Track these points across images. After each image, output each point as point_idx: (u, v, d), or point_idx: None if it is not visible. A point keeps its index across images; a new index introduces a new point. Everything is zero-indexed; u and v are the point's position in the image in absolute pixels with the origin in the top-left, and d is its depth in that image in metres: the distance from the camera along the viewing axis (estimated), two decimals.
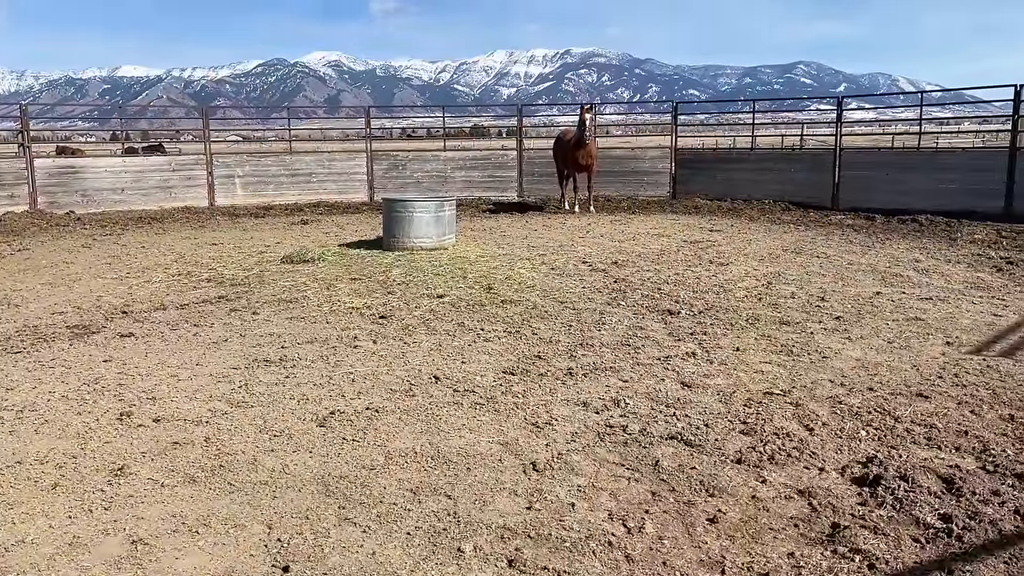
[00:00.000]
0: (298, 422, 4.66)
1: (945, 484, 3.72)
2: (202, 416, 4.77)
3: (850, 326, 6.77)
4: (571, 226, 14.45)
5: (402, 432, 4.49)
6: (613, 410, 4.80)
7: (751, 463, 4.01)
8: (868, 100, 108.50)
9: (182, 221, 16.18)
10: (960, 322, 6.85)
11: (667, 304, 7.65)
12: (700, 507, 3.57)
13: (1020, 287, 8.35)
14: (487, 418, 4.70)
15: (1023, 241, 11.40)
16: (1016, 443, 4.20)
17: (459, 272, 9.54)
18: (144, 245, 12.60)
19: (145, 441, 4.39)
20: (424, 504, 3.62)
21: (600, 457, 4.13)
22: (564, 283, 8.83)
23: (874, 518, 3.42)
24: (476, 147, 25.94)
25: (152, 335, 6.79)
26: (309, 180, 19.64)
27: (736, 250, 11.15)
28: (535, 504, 3.60)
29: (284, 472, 3.97)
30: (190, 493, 3.76)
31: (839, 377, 5.39)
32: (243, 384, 5.38)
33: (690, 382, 5.31)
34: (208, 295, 8.44)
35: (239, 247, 12.14)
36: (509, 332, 6.70)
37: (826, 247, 11.38)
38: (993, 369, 5.49)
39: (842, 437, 4.34)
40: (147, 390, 5.28)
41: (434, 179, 19.99)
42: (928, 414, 4.65)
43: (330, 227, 14.82)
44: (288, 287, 8.77)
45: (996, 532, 3.27)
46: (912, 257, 10.38)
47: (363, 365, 5.80)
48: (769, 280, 8.84)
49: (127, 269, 10.25)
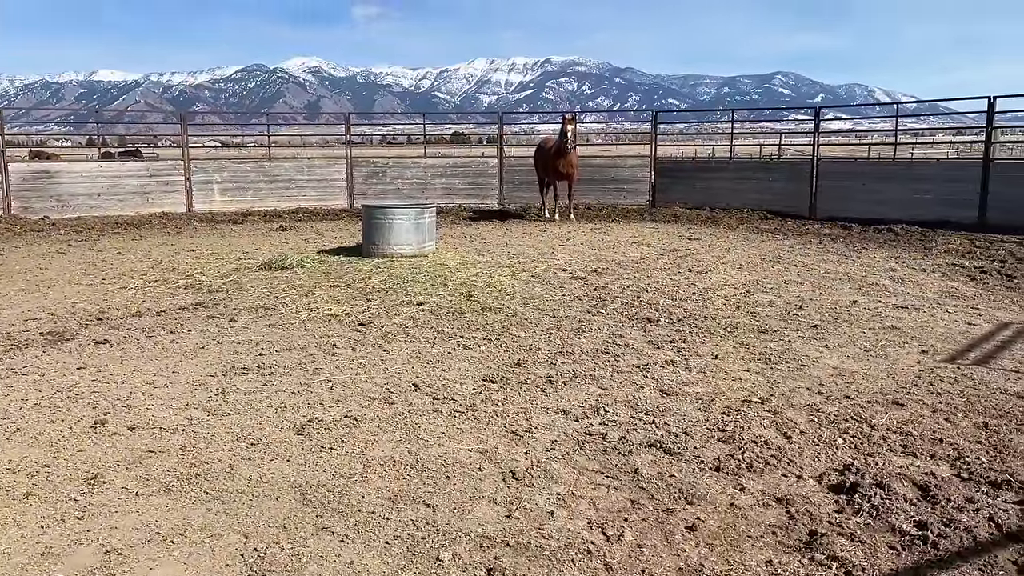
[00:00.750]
0: (276, 430, 4.63)
1: (921, 491, 3.75)
2: (178, 424, 4.72)
3: (827, 334, 6.83)
4: (551, 234, 14.48)
5: (381, 440, 4.47)
6: (593, 418, 4.81)
7: (730, 471, 4.02)
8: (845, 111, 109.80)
9: (159, 227, 16.03)
10: (935, 331, 6.93)
11: (646, 312, 7.67)
12: (679, 515, 3.58)
13: (993, 296, 8.47)
14: (466, 426, 4.69)
15: (996, 251, 11.56)
16: (990, 451, 4.25)
17: (439, 279, 9.52)
18: (120, 251, 12.47)
19: (120, 449, 4.34)
20: (402, 513, 3.60)
21: (579, 465, 4.12)
22: (544, 291, 8.84)
23: (851, 525, 3.44)
24: (457, 154, 25.95)
25: (128, 342, 6.71)
26: (288, 186, 19.53)
27: (715, 258, 11.21)
28: (514, 512, 3.59)
29: (261, 481, 3.94)
30: (165, 502, 3.71)
31: (816, 385, 5.43)
32: (220, 392, 5.33)
33: (669, 390, 5.33)
34: (185, 302, 8.37)
35: (217, 253, 12.04)
36: (489, 340, 6.70)
37: (804, 256, 11.48)
38: (967, 377, 5.56)
39: (819, 445, 4.37)
40: (122, 398, 5.21)
41: (414, 186, 19.95)
42: (904, 422, 4.69)
43: (309, 234, 14.75)
44: (266, 294, 8.71)
45: (971, 539, 3.31)
46: (888, 266, 10.49)
47: (342, 373, 5.77)
48: (747, 288, 8.90)
49: (103, 275, 10.14)
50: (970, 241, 12.56)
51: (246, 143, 42.03)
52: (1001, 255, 11.19)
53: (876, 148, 24.56)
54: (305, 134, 29.00)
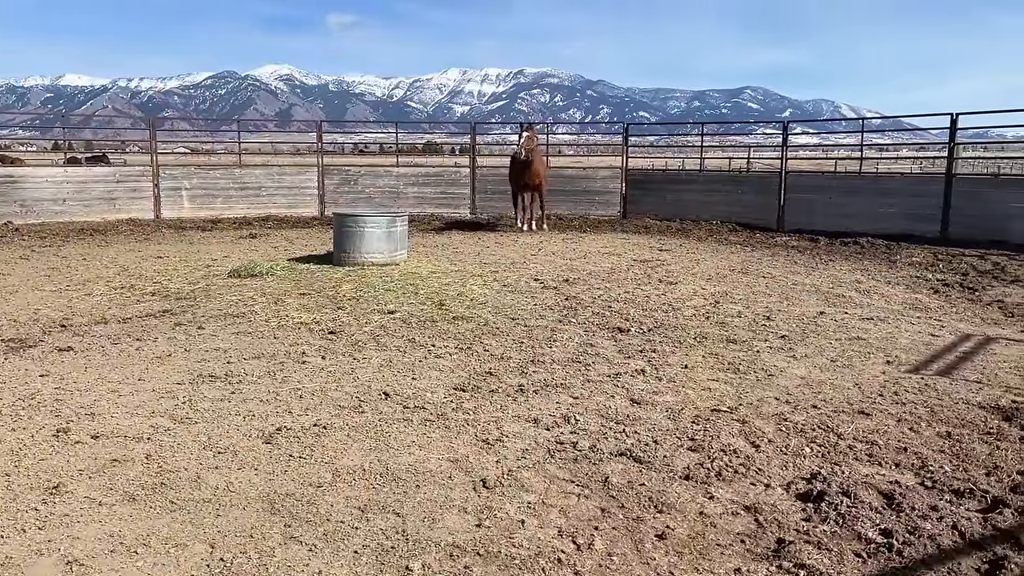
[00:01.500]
0: (243, 439, 4.57)
1: (886, 500, 3.80)
2: (143, 432, 4.65)
3: (795, 345, 6.91)
4: (523, 244, 14.50)
5: (350, 449, 4.43)
6: (563, 427, 4.81)
7: (699, 479, 4.05)
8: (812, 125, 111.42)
9: (126, 233, 15.81)
10: (899, 342, 7.04)
11: (617, 322, 7.71)
12: (649, 523, 3.59)
13: (955, 309, 8.63)
14: (437, 435, 4.67)
15: (958, 264, 11.79)
16: (953, 459, 4.32)
17: (410, 288, 9.49)
18: (85, 257, 12.27)
19: (83, 458, 4.26)
20: (372, 522, 3.57)
21: (550, 474, 4.13)
22: (516, 300, 8.85)
23: (818, 533, 3.48)
24: (429, 164, 25.92)
25: (92, 349, 6.60)
26: (259, 194, 19.38)
27: (685, 269, 11.31)
28: (485, 521, 3.58)
29: (228, 490, 3.89)
30: (129, 512, 3.65)
31: (784, 395, 5.49)
32: (187, 400, 5.26)
33: (639, 399, 5.35)
34: (152, 309, 8.25)
35: (185, 260, 11.90)
36: (460, 348, 6.68)
37: (772, 267, 11.62)
38: (931, 388, 5.65)
39: (787, 454, 4.41)
40: (86, 406, 5.12)
41: (386, 195, 19.90)
42: (869, 431, 4.75)
43: (279, 241, 14.63)
44: (235, 301, 8.62)
45: (935, 547, 3.36)
46: (854, 278, 10.65)
47: (311, 381, 5.72)
48: (717, 299, 8.98)
49: (67, 281, 9.97)
50: (933, 254, 12.80)
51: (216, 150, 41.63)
52: (963, 268, 11.42)
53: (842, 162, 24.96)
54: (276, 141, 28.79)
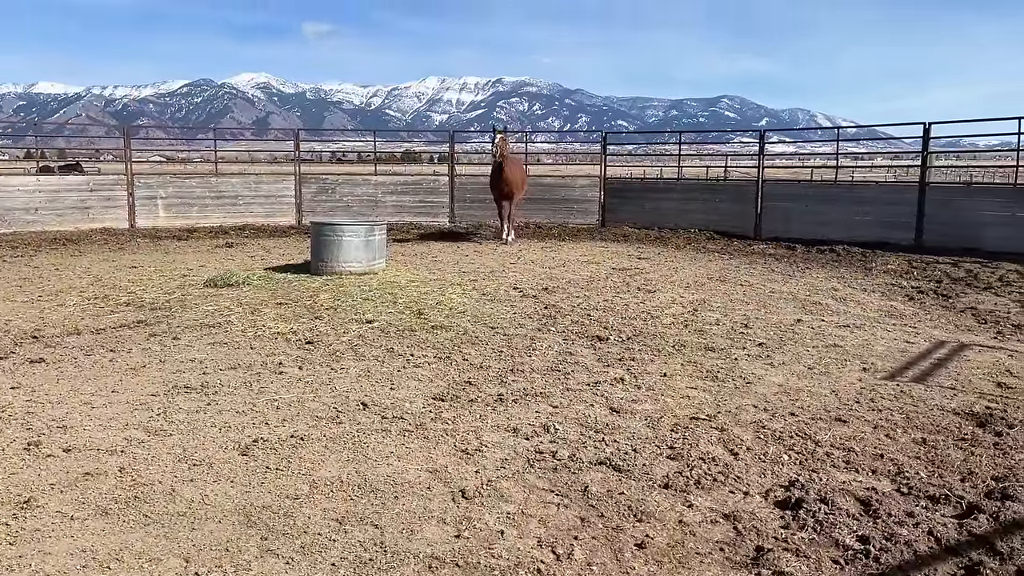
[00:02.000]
0: (219, 450, 4.52)
1: (863, 506, 3.82)
2: (116, 445, 4.58)
3: (772, 352, 6.95)
4: (502, 252, 14.51)
5: (328, 460, 4.39)
6: (543, 436, 4.80)
7: (678, 488, 4.05)
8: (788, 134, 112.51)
9: (100, 243, 15.63)
10: (875, 349, 7.10)
11: (596, 330, 7.72)
12: (628, 532, 3.59)
13: (930, 316, 8.73)
14: (416, 445, 4.64)
15: (932, 272, 11.94)
16: (928, 465, 4.36)
17: (389, 297, 9.45)
18: (58, 267, 12.11)
19: (54, 472, 4.19)
20: (350, 534, 3.54)
21: (530, 483, 4.11)
22: (495, 309, 8.83)
23: (796, 541, 3.49)
24: (407, 172, 25.88)
25: (64, 361, 6.50)
26: (235, 202, 19.25)
27: (663, 278, 11.35)
28: (464, 532, 3.56)
29: (203, 503, 3.83)
30: (102, 526, 3.59)
31: (762, 402, 5.52)
32: (162, 411, 5.19)
33: (619, 407, 5.36)
34: (126, 319, 8.15)
35: (160, 270, 11.77)
36: (439, 358, 6.66)
37: (749, 275, 11.69)
38: (906, 394, 5.71)
39: (765, 461, 4.43)
40: (58, 418, 5.04)
41: (364, 203, 19.83)
42: (846, 438, 4.79)
43: (256, 250, 14.52)
44: (211, 311, 8.54)
45: (911, 553, 3.38)
46: (830, 286, 10.75)
47: (288, 392, 5.67)
48: (695, 307, 9.02)
49: (39, 292, 9.82)
50: (908, 262, 12.96)
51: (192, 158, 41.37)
52: (937, 275, 11.57)
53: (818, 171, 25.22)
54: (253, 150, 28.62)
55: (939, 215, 14.78)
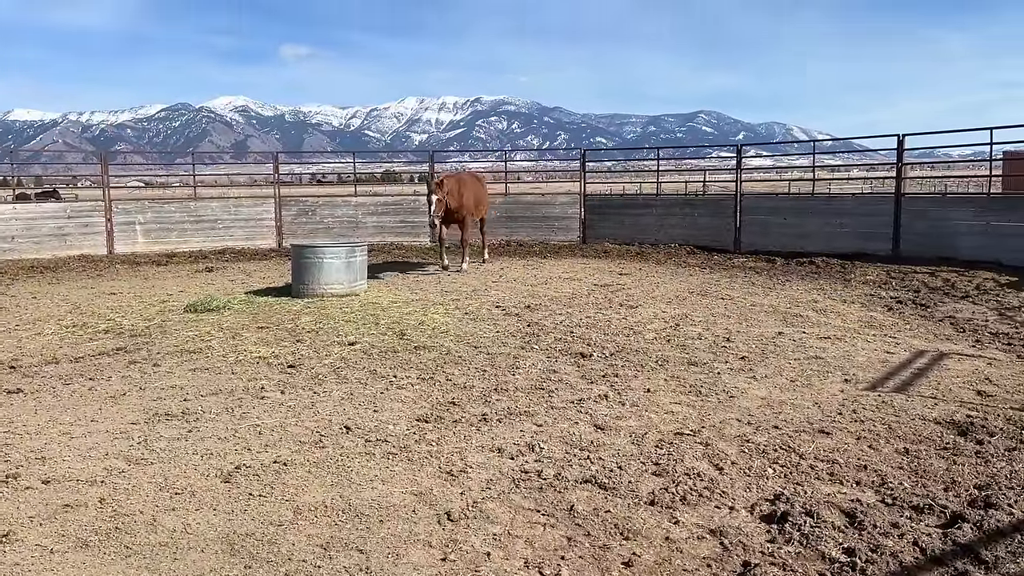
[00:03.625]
0: (201, 478, 4.47)
1: (848, 518, 3.84)
2: (96, 475, 4.52)
3: (755, 366, 6.98)
4: (484, 271, 14.50)
5: (311, 485, 4.35)
6: (528, 455, 4.79)
7: (664, 504, 4.05)
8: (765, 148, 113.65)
9: (78, 270, 15.47)
10: (856, 360, 7.15)
11: (579, 347, 7.72)
12: (615, 551, 3.57)
13: (909, 325, 8.81)
14: (400, 468, 4.61)
15: (910, 282, 12.06)
16: (912, 476, 4.39)
17: (371, 319, 9.41)
18: (35, 295, 11.97)
19: (33, 504, 4.12)
20: (335, 560, 3.50)
21: (515, 504, 4.09)
22: (478, 328, 8.82)
23: (782, 555, 3.49)
24: (388, 192, 25.87)
25: (43, 390, 6.41)
26: (215, 226, 19.14)
27: (645, 293, 11.39)
28: (450, 555, 3.53)
29: (185, 532, 3.78)
30: (82, 559, 3.53)
31: (746, 416, 5.53)
32: (142, 440, 5.13)
33: (603, 424, 5.35)
34: (105, 347, 8.06)
35: (140, 296, 11.67)
36: (423, 379, 6.63)
37: (730, 289, 11.76)
38: (888, 405, 5.74)
39: (750, 475, 4.44)
40: (36, 449, 4.96)
41: (345, 225, 19.79)
42: (830, 450, 4.81)
43: (237, 274, 14.44)
44: (192, 337, 8.46)
45: (897, 564, 3.39)
46: (810, 298, 10.83)
47: (270, 417, 5.62)
48: (677, 322, 9.05)
49: (16, 321, 9.71)
50: (886, 272, 13.09)
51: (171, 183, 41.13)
52: (915, 285, 11.69)
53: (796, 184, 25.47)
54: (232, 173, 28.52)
55: (915, 225, 14.97)
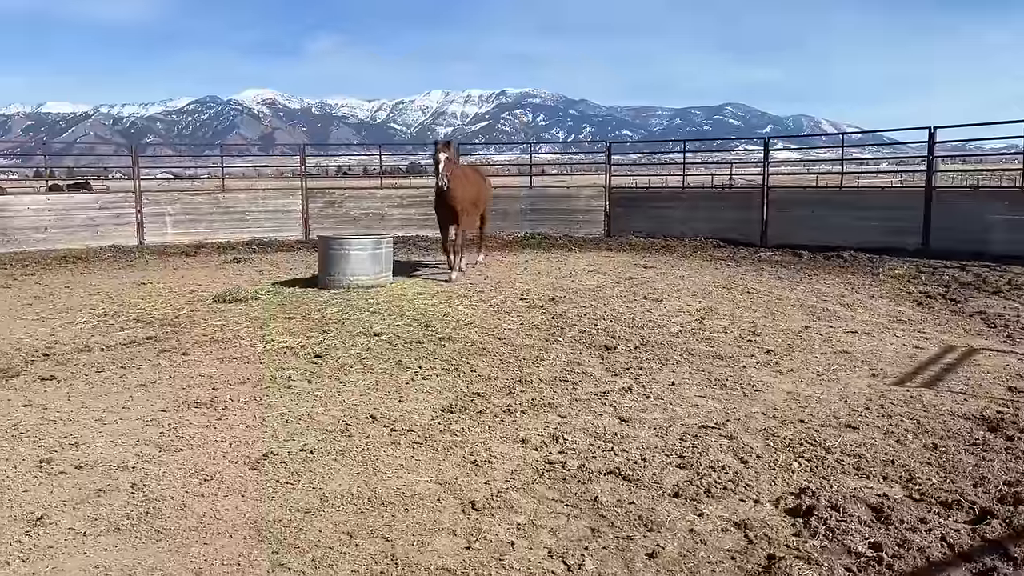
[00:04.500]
0: (230, 465, 4.53)
1: (874, 513, 3.81)
2: (128, 461, 4.60)
3: (781, 359, 6.93)
4: (508, 263, 14.52)
5: (338, 473, 4.40)
6: (552, 446, 4.80)
7: (688, 497, 4.04)
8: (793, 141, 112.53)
9: (109, 260, 15.71)
10: (884, 354, 7.08)
11: (604, 340, 7.72)
12: (639, 542, 3.58)
13: (939, 320, 8.70)
14: (425, 457, 4.65)
15: (940, 276, 11.90)
16: (940, 471, 4.34)
17: (396, 310, 9.47)
18: (68, 285, 12.18)
19: (67, 489, 4.21)
20: (361, 547, 3.54)
21: (539, 494, 4.11)
22: (502, 320, 8.84)
23: (807, 548, 3.48)
24: (413, 185, 25.95)
25: (75, 378, 6.53)
26: (243, 218, 19.34)
27: (670, 286, 11.35)
28: (474, 544, 3.56)
29: (215, 517, 3.85)
30: (114, 542, 3.60)
31: (771, 410, 5.50)
32: (172, 427, 5.21)
33: (627, 417, 5.35)
34: (136, 336, 8.19)
35: (169, 286, 11.83)
36: (447, 370, 6.67)
37: (756, 283, 11.68)
38: (916, 400, 5.69)
39: (776, 469, 4.42)
40: (69, 435, 5.06)
41: (371, 217, 19.90)
42: (857, 444, 4.77)
43: (264, 265, 14.58)
44: (220, 327, 8.57)
45: (924, 560, 3.36)
46: (838, 292, 10.72)
47: (297, 405, 5.68)
48: (702, 315, 9.01)
49: (49, 310, 9.88)
50: (915, 267, 12.92)
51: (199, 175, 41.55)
52: (945, 280, 11.54)
53: (823, 177, 25.20)
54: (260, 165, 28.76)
55: (946, 219, 14.74)
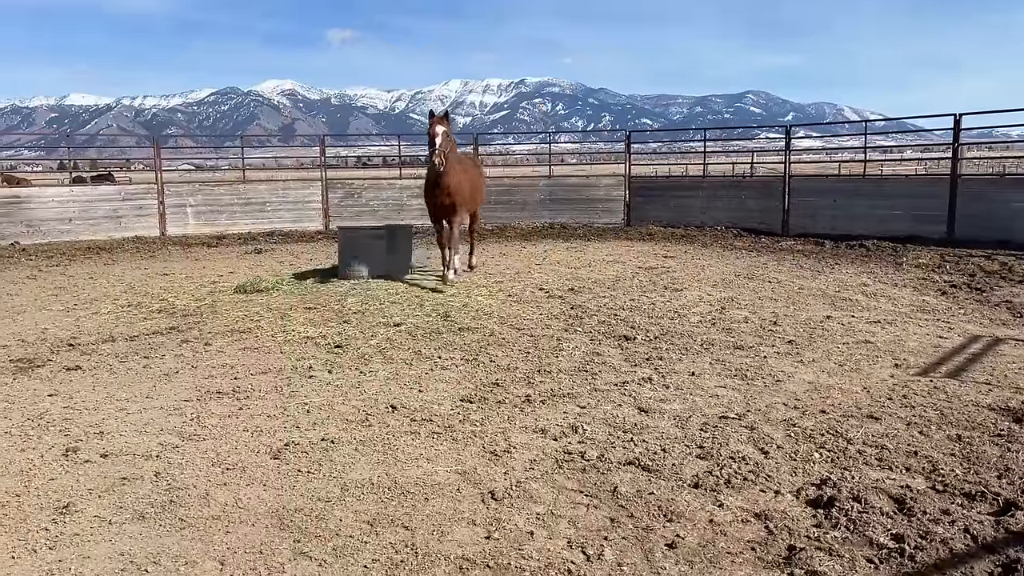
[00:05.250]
0: (252, 454, 4.57)
1: (897, 504, 3.78)
2: (152, 450, 4.66)
3: (802, 350, 6.88)
4: (527, 253, 14.52)
5: (358, 463, 4.43)
6: (571, 436, 4.80)
7: (708, 487, 4.03)
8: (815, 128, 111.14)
9: (132, 251, 15.87)
10: (908, 344, 7.01)
11: (623, 330, 7.70)
12: (659, 532, 3.58)
13: (963, 310, 8.59)
14: (445, 447, 4.67)
15: (965, 265, 11.75)
16: (963, 462, 4.30)
17: (416, 300, 9.50)
18: (92, 276, 12.32)
19: (92, 477, 4.26)
20: (381, 536, 3.57)
21: (559, 484, 4.11)
22: (521, 310, 8.84)
23: (829, 540, 3.46)
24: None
25: (100, 368, 6.61)
26: (263, 209, 19.44)
27: (690, 276, 11.29)
28: (494, 533, 3.57)
29: (237, 506, 3.89)
30: (139, 530, 3.65)
31: (792, 400, 5.47)
32: (195, 416, 5.27)
33: (647, 407, 5.34)
34: (159, 326, 8.27)
35: (191, 277, 11.94)
36: (467, 360, 6.68)
37: (777, 272, 11.59)
38: (940, 390, 5.63)
39: (796, 460, 4.39)
40: (94, 424, 5.13)
41: (390, 207, 19.93)
42: (879, 435, 4.73)
43: (284, 256, 14.67)
44: (241, 317, 8.64)
45: (947, 551, 3.33)
46: (860, 281, 10.62)
47: (318, 395, 5.72)
48: (723, 305, 8.96)
49: (74, 300, 10.01)
50: (940, 256, 12.76)
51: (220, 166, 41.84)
52: (970, 269, 11.39)
53: (846, 165, 24.95)
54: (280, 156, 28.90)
55: (971, 207, 14.54)
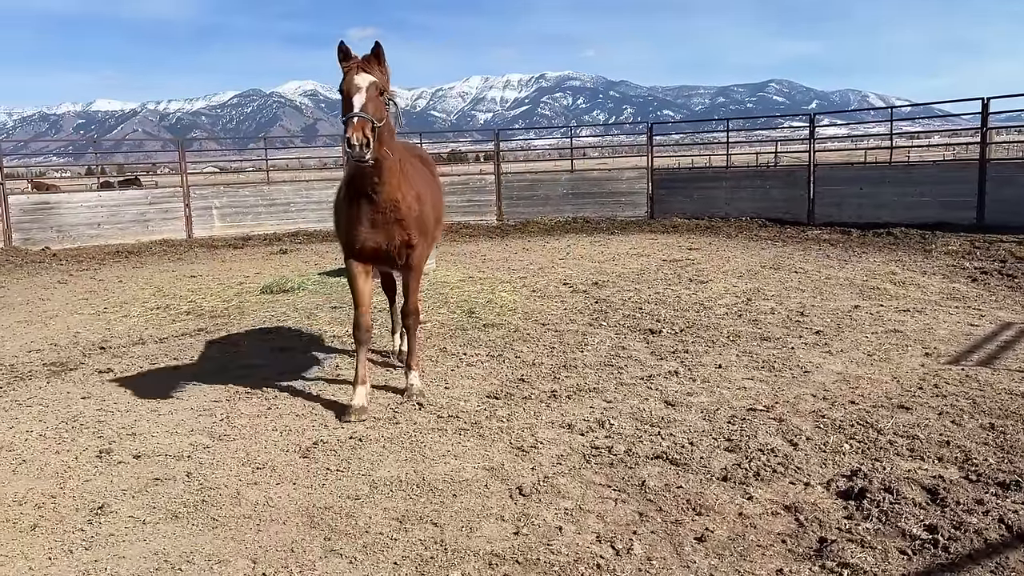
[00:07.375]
0: (281, 453, 4.62)
1: (929, 495, 3.74)
2: (183, 451, 4.72)
3: (830, 340, 6.82)
4: (551, 248, 14.50)
5: (386, 460, 4.46)
6: (598, 431, 4.80)
7: (737, 480, 4.01)
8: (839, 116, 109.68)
9: (160, 254, 16.07)
10: (938, 333, 6.92)
11: (648, 323, 7.67)
12: (688, 526, 3.56)
13: (995, 297, 8.46)
14: (472, 443, 4.68)
15: (996, 251, 11.56)
16: (997, 452, 4.24)
17: (440, 297, 9.52)
18: (121, 279, 12.49)
19: (125, 478, 4.33)
20: (410, 533, 3.59)
21: (586, 479, 4.11)
22: (546, 305, 8.84)
23: (860, 531, 3.42)
24: (454, 172, 26.01)
25: (131, 370, 6.71)
26: (287, 209, 19.60)
27: (715, 267, 11.22)
28: (522, 529, 3.58)
29: (268, 505, 3.93)
30: (172, 530, 3.70)
31: (821, 391, 5.42)
32: (224, 417, 5.32)
33: (674, 400, 5.32)
34: (187, 328, 8.37)
35: (218, 279, 12.06)
36: (492, 356, 6.69)
37: (804, 262, 11.48)
38: (972, 379, 5.55)
39: (826, 451, 4.35)
40: (126, 426, 5.21)
41: None
42: (910, 425, 4.68)
43: (310, 256, 14.77)
44: (268, 317, 8.72)
45: (982, 541, 3.29)
46: (888, 270, 10.49)
47: (345, 394, 5.76)
48: (748, 296, 8.90)
49: (104, 304, 10.15)
50: (969, 242, 12.57)
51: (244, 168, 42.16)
52: (1001, 255, 11.20)
53: (872, 152, 24.62)
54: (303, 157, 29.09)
55: (1001, 192, 14.29)
